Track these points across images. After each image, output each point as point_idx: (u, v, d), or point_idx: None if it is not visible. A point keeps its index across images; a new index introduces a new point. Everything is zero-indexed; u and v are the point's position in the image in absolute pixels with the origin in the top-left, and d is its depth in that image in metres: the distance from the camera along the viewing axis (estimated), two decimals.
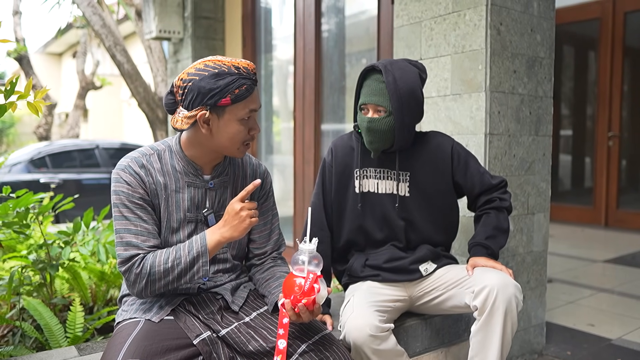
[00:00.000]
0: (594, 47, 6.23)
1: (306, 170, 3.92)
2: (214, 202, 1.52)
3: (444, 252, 1.96)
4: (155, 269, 1.35)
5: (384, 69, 1.77)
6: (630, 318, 3.02)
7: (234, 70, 1.37)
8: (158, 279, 1.36)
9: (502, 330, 1.64)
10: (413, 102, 1.80)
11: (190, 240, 1.40)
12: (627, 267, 4.23)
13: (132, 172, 1.41)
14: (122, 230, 1.39)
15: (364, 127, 1.82)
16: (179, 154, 1.48)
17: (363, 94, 1.83)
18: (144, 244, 1.38)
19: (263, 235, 1.64)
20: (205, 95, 1.35)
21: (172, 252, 1.37)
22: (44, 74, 16.71)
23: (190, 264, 1.37)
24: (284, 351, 1.29)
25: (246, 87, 1.37)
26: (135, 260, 1.36)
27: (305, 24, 3.87)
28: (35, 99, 1.60)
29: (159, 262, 1.35)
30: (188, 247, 1.38)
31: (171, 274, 1.36)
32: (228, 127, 1.40)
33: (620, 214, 5.96)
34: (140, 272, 1.35)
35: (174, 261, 1.36)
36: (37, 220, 2.34)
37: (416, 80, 1.81)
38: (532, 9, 2.32)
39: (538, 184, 2.43)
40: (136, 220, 1.39)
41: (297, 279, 1.32)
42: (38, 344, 2.09)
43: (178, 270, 1.36)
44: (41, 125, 10.43)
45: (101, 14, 5.20)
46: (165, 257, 1.36)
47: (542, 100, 2.41)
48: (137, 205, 1.40)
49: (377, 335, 1.59)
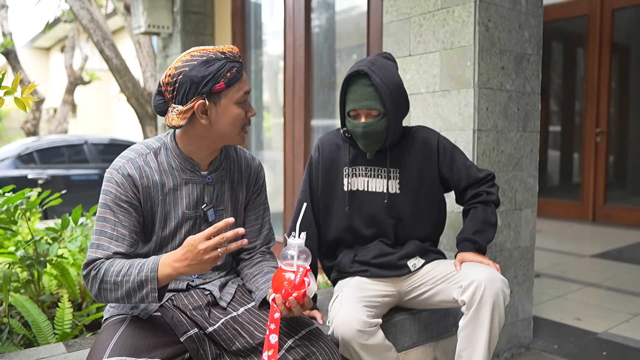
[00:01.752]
0: (582, 44, 6.27)
1: (296, 165, 3.92)
2: (212, 197, 1.51)
3: (431, 248, 1.97)
4: (107, 277, 1.29)
5: (369, 72, 1.76)
6: (616, 312, 3.06)
7: (221, 55, 1.36)
8: (109, 290, 1.30)
9: (489, 324, 1.66)
10: (402, 98, 1.82)
11: (145, 261, 1.30)
12: (613, 261, 4.28)
13: (125, 174, 1.39)
14: (98, 231, 1.37)
15: (359, 133, 1.82)
16: (174, 150, 1.46)
17: (352, 100, 1.81)
18: (112, 249, 1.34)
19: (254, 230, 1.63)
20: (199, 84, 1.34)
21: (125, 266, 1.29)
22: (32, 68, 16.54)
23: (137, 286, 1.28)
24: (275, 345, 1.28)
25: (236, 70, 1.37)
26: (96, 263, 1.32)
27: (295, 19, 3.86)
28: (23, 95, 1.58)
29: (112, 273, 1.29)
30: (139, 267, 1.28)
31: (120, 290, 1.29)
32: (227, 111, 1.39)
33: (608, 209, 6.03)
34: (95, 276, 1.31)
35: (123, 276, 1.28)
36: (24, 216, 2.32)
37: (398, 74, 1.83)
38: (520, 6, 2.33)
39: (526, 179, 2.45)
40: (114, 224, 1.37)
41: (286, 273, 1.32)
42: (26, 341, 2.08)
43: (126, 288, 1.28)
44: (29, 121, 10.33)
45: (89, 8, 5.15)
46: (118, 268, 1.29)
47: (530, 97, 2.43)
48: (122, 208, 1.38)
49: (364, 330, 1.60)
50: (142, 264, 1.29)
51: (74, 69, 10.68)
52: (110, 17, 10.92)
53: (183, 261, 1.26)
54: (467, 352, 1.71)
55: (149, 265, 1.28)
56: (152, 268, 1.27)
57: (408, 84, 2.44)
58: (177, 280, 1.49)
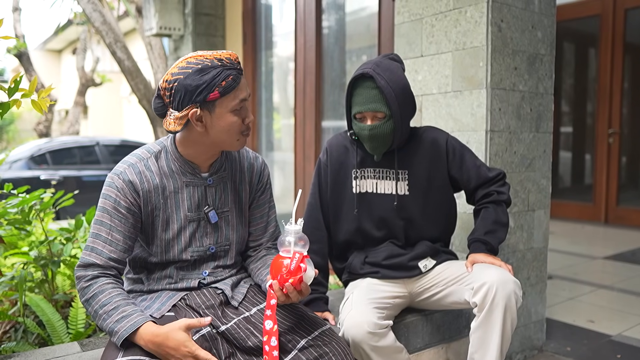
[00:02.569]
0: (595, 44, 6.22)
1: (307, 167, 3.92)
2: (214, 199, 1.51)
3: (443, 248, 1.96)
4: (92, 301, 1.32)
5: (374, 75, 1.75)
6: (630, 314, 3.03)
7: (217, 63, 1.35)
8: (90, 312, 1.34)
9: (501, 326, 1.65)
10: (408, 100, 1.81)
11: (130, 310, 1.30)
12: (626, 263, 4.24)
13: (126, 180, 1.41)
14: (94, 234, 1.39)
15: (365, 136, 1.82)
16: (174, 154, 1.47)
17: (357, 103, 1.80)
18: (105, 254, 1.37)
19: (259, 228, 1.64)
20: (193, 93, 1.33)
21: (112, 303, 1.30)
22: (44, 70, 16.70)
23: (110, 331, 1.29)
24: (270, 332, 1.30)
25: (232, 78, 1.35)
26: (89, 273, 1.35)
27: (306, 20, 3.86)
28: (40, 97, 1.60)
29: (97, 301, 1.32)
30: (121, 315, 1.29)
31: (97, 320, 1.32)
32: (222, 120, 1.38)
33: (620, 211, 5.97)
34: (84, 289, 1.34)
35: (104, 313, 1.30)
36: (38, 217, 2.34)
37: (403, 76, 1.82)
38: (533, 6, 2.32)
39: (538, 180, 2.44)
40: (110, 229, 1.39)
41: (283, 259, 1.32)
42: (40, 340, 2.10)
43: (102, 323, 1.30)
44: (41, 122, 10.43)
45: (101, 11, 5.19)
46: (105, 301, 1.31)
47: (543, 97, 2.42)
48: (120, 214, 1.39)
49: (375, 332, 1.60)
50: (125, 315, 1.28)
51: (86, 71, 10.77)
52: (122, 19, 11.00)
53: (161, 347, 1.25)
54: (479, 355, 1.70)
55: (129, 323, 1.27)
56: (128, 330, 1.26)
57: (420, 85, 2.43)
58: (189, 278, 1.50)
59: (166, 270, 1.50)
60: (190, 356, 1.24)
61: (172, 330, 1.25)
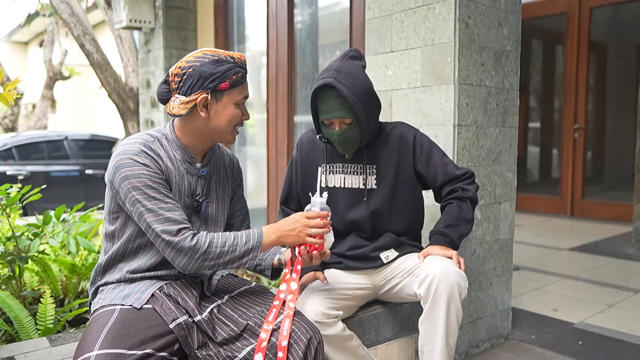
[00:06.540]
0: (561, 42, 6.38)
1: (279, 161, 3.93)
2: (204, 190, 1.59)
3: (409, 241, 1.97)
4: (212, 248, 1.41)
5: (336, 84, 1.73)
6: (592, 303, 3.14)
7: (230, 59, 1.47)
8: (210, 258, 1.42)
9: (445, 318, 1.65)
10: (372, 101, 1.82)
11: (247, 232, 1.47)
12: (590, 254, 4.39)
13: (148, 155, 1.44)
14: (155, 208, 1.39)
15: (335, 140, 1.84)
16: (175, 142, 1.53)
17: (324, 111, 1.80)
18: (183, 219, 1.42)
19: (238, 219, 1.76)
20: (207, 79, 1.43)
21: (229, 238, 1.44)
22: (9, 63, 16.23)
23: (242, 254, 1.44)
24: (295, 291, 1.49)
25: (241, 74, 1.49)
26: (186, 234, 1.40)
27: (278, 14, 3.86)
28: (6, 90, 1.57)
29: (217, 244, 1.42)
30: (245, 238, 1.45)
31: (223, 258, 1.43)
32: (226, 110, 1.49)
33: (585, 204, 6.16)
34: (194, 246, 1.39)
35: (230, 247, 1.43)
36: (5, 212, 2.30)
37: (365, 76, 1.82)
38: (499, 3, 2.38)
39: (504, 174, 2.50)
40: (165, 198, 1.42)
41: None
42: (8, 337, 2.07)
43: (231, 256, 1.43)
44: (7, 116, 10.15)
45: (69, 2, 5.08)
46: (222, 240, 1.43)
47: (509, 93, 2.48)
48: (161, 185, 1.43)
49: (322, 321, 1.65)
50: (247, 236, 1.46)
51: (54, 63, 10.51)
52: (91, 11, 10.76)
53: (290, 231, 1.48)
54: (428, 347, 1.71)
55: (255, 236, 1.47)
56: (258, 240, 1.46)
57: (390, 80, 2.47)
58: (170, 268, 1.51)
59: (150, 256, 1.50)
60: (303, 222, 1.48)
61: (288, 218, 1.50)
